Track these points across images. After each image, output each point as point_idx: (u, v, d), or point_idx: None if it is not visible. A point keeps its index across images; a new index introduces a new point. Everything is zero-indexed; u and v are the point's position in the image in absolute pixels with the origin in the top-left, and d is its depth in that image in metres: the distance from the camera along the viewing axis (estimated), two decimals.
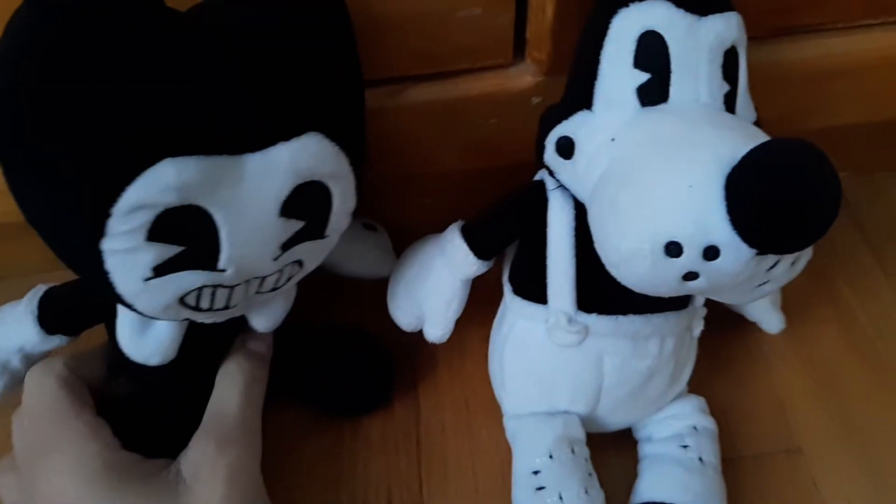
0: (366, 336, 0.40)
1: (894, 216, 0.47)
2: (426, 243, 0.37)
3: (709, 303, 0.36)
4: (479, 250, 0.33)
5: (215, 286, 0.27)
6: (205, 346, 0.33)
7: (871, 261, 0.45)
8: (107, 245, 0.24)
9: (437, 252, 0.35)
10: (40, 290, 0.34)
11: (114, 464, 0.31)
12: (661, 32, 0.28)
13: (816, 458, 0.38)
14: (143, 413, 0.35)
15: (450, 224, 0.35)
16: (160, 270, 0.25)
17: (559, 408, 0.34)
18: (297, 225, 0.27)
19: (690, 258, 0.25)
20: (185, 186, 0.24)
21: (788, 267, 0.27)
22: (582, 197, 0.31)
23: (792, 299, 0.41)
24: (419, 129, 0.37)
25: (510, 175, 0.35)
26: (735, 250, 0.25)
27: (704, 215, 0.25)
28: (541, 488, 0.32)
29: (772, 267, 0.26)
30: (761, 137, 0.26)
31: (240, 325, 0.34)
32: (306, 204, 0.27)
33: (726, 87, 0.29)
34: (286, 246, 0.28)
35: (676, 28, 0.28)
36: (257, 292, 0.30)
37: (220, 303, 0.28)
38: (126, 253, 0.25)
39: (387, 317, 0.38)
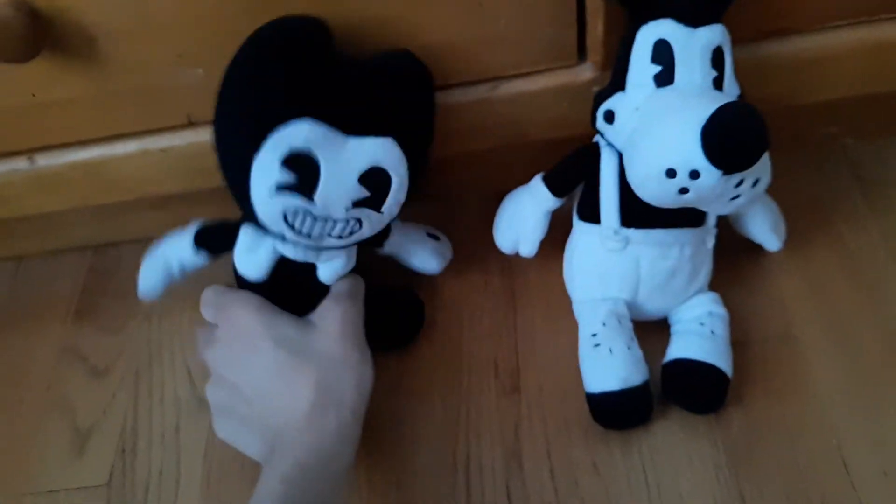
0: (401, 290, 0.56)
1: (887, 172, 0.60)
2: (519, 191, 0.53)
3: (725, 227, 0.51)
4: (554, 189, 0.50)
5: (307, 213, 0.43)
6: (286, 282, 0.49)
7: (862, 204, 0.58)
8: (257, 159, 0.41)
9: (527, 194, 0.51)
10: (198, 221, 0.51)
11: (270, 305, 0.48)
12: (668, 40, 0.43)
13: (808, 344, 0.51)
14: None
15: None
16: (279, 189, 0.41)
17: (610, 295, 0.50)
18: (365, 192, 0.43)
19: (682, 178, 0.41)
20: (310, 139, 0.41)
21: (751, 186, 0.42)
22: (621, 148, 0.46)
23: (796, 230, 0.54)
24: (515, 112, 0.52)
25: (576, 141, 0.50)
26: (709, 172, 0.40)
27: (689, 150, 0.40)
28: (597, 345, 0.48)
29: (738, 184, 0.41)
30: (725, 102, 0.41)
31: (308, 282, 0.49)
32: (374, 181, 0.44)
33: (715, 74, 0.44)
34: (355, 204, 0.43)
35: (678, 37, 0.43)
36: (329, 235, 0.44)
37: (306, 229, 0.44)
38: (264, 169, 0.41)
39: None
